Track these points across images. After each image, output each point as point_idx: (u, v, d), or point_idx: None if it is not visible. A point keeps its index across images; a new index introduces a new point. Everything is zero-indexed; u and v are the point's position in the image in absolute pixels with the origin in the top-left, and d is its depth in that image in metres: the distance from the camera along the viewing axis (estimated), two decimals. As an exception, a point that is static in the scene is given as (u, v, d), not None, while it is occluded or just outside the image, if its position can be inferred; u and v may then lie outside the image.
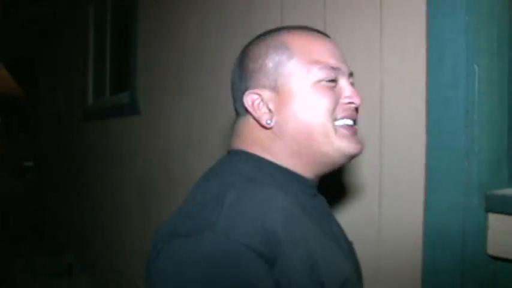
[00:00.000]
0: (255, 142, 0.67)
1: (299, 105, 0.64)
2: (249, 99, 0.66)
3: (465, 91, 0.80)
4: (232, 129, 0.73)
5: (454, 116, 0.81)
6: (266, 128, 0.66)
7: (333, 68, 0.65)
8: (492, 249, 0.77)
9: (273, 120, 0.65)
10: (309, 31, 0.69)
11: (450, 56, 0.82)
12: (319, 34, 0.69)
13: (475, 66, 0.81)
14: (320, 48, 0.66)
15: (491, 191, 0.78)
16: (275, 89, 0.65)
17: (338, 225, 0.75)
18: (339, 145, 0.64)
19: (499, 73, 0.85)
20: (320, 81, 0.64)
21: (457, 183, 0.79)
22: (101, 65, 2.94)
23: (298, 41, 0.66)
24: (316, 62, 0.64)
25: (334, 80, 0.65)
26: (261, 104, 0.66)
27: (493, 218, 0.77)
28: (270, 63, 0.65)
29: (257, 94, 0.66)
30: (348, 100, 0.66)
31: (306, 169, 0.67)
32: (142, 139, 2.18)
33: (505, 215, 0.76)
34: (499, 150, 0.85)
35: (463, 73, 0.81)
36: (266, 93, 0.66)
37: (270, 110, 0.65)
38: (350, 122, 0.66)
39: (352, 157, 0.67)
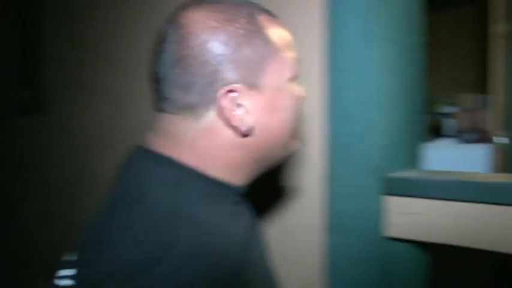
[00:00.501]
0: (206, 153, 0.52)
1: (281, 106, 0.54)
2: (227, 98, 0.50)
3: (361, 76, 0.81)
4: (157, 129, 0.56)
5: (352, 102, 0.81)
6: (243, 136, 0.53)
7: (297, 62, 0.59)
8: (389, 231, 0.78)
9: (253, 125, 0.52)
10: (268, 12, 0.57)
11: (346, 41, 0.82)
12: (276, 18, 0.59)
13: (371, 51, 0.81)
14: (288, 39, 0.57)
15: (387, 174, 0.79)
16: (255, 86, 0.52)
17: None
18: (293, 146, 0.60)
19: (395, 58, 0.87)
20: (293, 78, 0.56)
21: (355, 168, 0.79)
22: (3, 59, 2.66)
23: (272, 29, 0.55)
24: (291, 58, 0.56)
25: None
26: (238, 104, 0.52)
27: (389, 201, 0.78)
28: (253, 55, 0.52)
29: (235, 92, 0.51)
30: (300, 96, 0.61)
31: (246, 177, 0.57)
32: (52, 138, 2.00)
33: (400, 197, 0.77)
34: (395, 135, 0.86)
35: (359, 58, 0.81)
36: (243, 91, 0.51)
37: (247, 112, 0.52)
38: None
39: None
